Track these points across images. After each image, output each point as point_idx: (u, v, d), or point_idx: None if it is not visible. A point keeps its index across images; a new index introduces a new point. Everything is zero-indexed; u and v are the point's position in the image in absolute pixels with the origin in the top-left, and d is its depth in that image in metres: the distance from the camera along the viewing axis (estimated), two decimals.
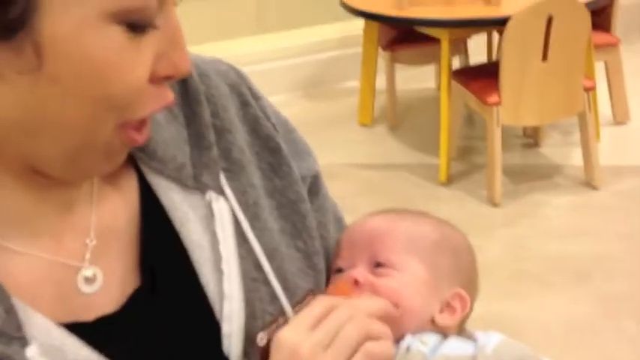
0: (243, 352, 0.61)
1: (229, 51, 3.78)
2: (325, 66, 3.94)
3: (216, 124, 0.66)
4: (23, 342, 0.53)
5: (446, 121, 2.95)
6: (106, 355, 0.56)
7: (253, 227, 0.65)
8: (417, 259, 0.71)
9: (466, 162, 3.15)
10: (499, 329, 0.70)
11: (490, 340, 0.67)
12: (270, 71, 3.82)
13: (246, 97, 0.69)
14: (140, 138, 0.56)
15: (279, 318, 0.64)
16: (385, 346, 0.61)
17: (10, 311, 0.53)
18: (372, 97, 3.47)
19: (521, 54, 2.70)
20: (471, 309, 0.75)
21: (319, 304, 0.62)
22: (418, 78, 3.81)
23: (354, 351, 0.59)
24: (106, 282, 0.60)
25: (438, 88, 3.39)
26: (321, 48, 3.95)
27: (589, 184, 2.89)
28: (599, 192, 2.85)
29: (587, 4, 2.78)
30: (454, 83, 2.98)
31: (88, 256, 0.59)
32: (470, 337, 0.70)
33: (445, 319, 0.71)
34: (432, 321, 0.71)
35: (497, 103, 2.74)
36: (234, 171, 0.66)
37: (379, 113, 3.56)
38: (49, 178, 0.57)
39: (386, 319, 0.63)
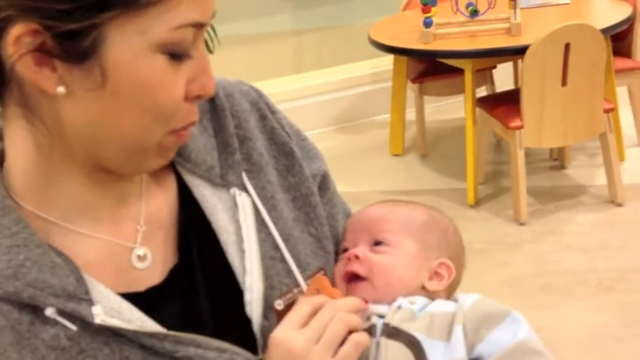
0: (263, 315, 0.76)
1: (270, 89, 3.97)
2: (358, 101, 4.13)
3: (239, 133, 0.81)
4: (90, 302, 0.67)
5: (471, 147, 3.09)
6: (154, 316, 0.70)
7: (271, 216, 0.80)
8: (409, 237, 0.87)
9: (494, 185, 3.28)
10: None
11: (468, 298, 0.82)
12: (308, 107, 4.02)
13: (264, 112, 0.85)
14: (186, 134, 0.71)
15: (293, 289, 0.79)
16: (365, 335, 0.75)
17: (80, 280, 0.68)
18: (402, 128, 3.63)
19: (541, 80, 2.84)
20: (459, 278, 0.90)
21: (305, 305, 0.74)
22: (448, 109, 3.96)
23: (341, 342, 0.73)
24: (153, 260, 0.74)
25: None
26: (354, 84, 4.13)
27: (613, 201, 2.99)
28: (622, 209, 2.95)
29: (604, 31, 2.91)
30: (480, 111, 3.12)
31: (139, 238, 0.74)
32: (455, 300, 0.85)
33: (434, 285, 0.86)
34: (423, 287, 0.86)
35: (520, 127, 2.88)
36: (255, 171, 0.81)
37: (410, 143, 3.72)
38: (110, 174, 0.71)
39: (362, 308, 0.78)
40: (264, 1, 4.40)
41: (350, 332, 0.74)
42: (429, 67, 3.57)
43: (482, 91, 3.62)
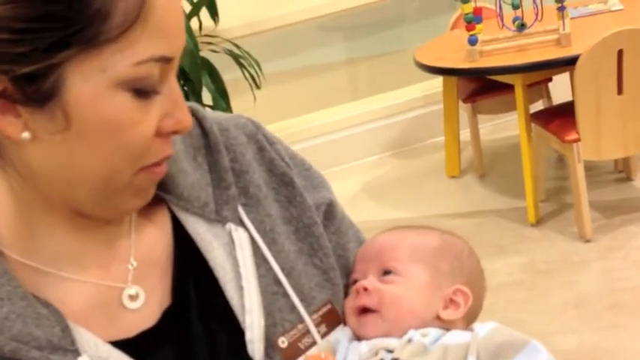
0: (266, 354, 0.72)
1: (326, 119, 4.01)
2: (412, 125, 4.08)
3: (235, 167, 0.79)
4: (76, 354, 0.65)
5: (528, 164, 2.99)
6: None
7: (271, 250, 0.77)
8: (419, 265, 0.82)
9: (556, 202, 3.16)
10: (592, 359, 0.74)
11: (483, 328, 0.77)
12: (363, 134, 4.00)
13: (262, 143, 0.83)
14: (160, 170, 0.69)
15: (298, 325, 0.76)
16: None
17: (66, 330, 0.66)
18: (457, 149, 3.56)
19: (595, 90, 2.73)
20: (479, 304, 0.85)
21: None
22: (504, 127, 3.87)
23: None
24: (147, 300, 0.72)
25: None
26: (407, 108, 4.09)
27: None
28: None
29: None
30: (535, 126, 3.03)
31: (130, 277, 0.72)
32: (470, 329, 0.80)
33: (450, 314, 0.80)
34: (438, 317, 0.80)
35: (577, 140, 2.77)
36: (252, 205, 0.79)
37: (467, 164, 3.63)
38: (93, 219, 0.70)
39: None
40: (316, 34, 4.44)
41: None
42: (480, 86, 3.50)
43: (539, 106, 3.52)
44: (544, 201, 3.14)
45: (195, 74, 2.74)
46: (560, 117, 2.91)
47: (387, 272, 0.82)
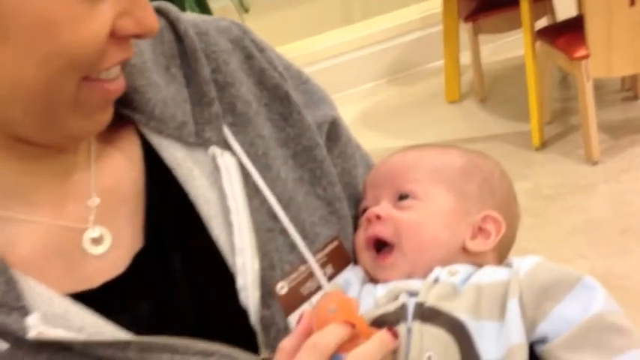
0: (263, 303, 0.60)
1: (318, 45, 3.84)
2: (409, 49, 3.90)
3: (217, 79, 0.66)
4: (24, 312, 0.53)
5: (533, 84, 2.85)
6: (115, 319, 0.56)
7: (264, 177, 0.65)
8: (442, 187, 0.69)
9: (562, 124, 3.03)
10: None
11: (524, 263, 0.64)
12: (357, 60, 3.83)
13: (250, 50, 0.69)
14: (115, 87, 0.56)
15: (299, 266, 0.64)
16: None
17: (10, 282, 0.54)
18: (457, 73, 3.40)
19: (605, 1, 2.57)
20: (512, 234, 0.72)
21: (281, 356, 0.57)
22: (506, 48, 3.70)
23: None
24: (114, 243, 0.59)
25: None
26: (404, 31, 3.91)
27: None
28: None
29: None
30: (540, 44, 2.87)
31: (92, 216, 0.59)
32: (508, 265, 0.67)
33: (479, 245, 0.68)
34: (465, 250, 0.68)
35: (586, 57, 2.62)
36: (241, 124, 0.66)
37: (467, 88, 3.48)
38: (41, 147, 0.57)
39: None
40: None
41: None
42: (482, 3, 3.31)
43: (542, 24, 3.35)
44: (549, 123, 3.00)
45: None
46: (568, 33, 2.75)
47: (403, 197, 0.69)
